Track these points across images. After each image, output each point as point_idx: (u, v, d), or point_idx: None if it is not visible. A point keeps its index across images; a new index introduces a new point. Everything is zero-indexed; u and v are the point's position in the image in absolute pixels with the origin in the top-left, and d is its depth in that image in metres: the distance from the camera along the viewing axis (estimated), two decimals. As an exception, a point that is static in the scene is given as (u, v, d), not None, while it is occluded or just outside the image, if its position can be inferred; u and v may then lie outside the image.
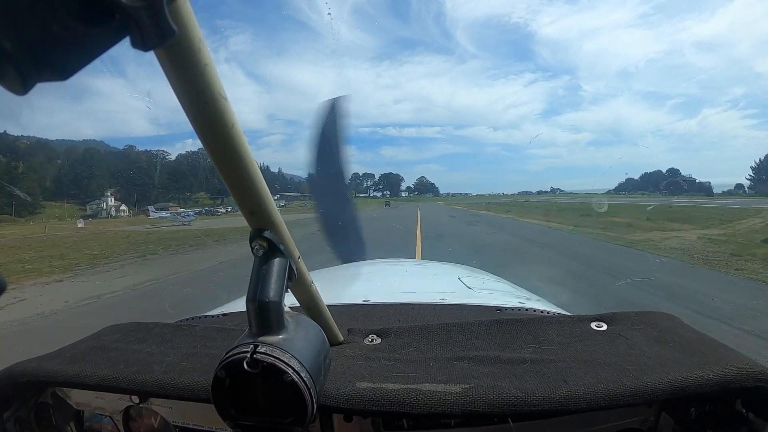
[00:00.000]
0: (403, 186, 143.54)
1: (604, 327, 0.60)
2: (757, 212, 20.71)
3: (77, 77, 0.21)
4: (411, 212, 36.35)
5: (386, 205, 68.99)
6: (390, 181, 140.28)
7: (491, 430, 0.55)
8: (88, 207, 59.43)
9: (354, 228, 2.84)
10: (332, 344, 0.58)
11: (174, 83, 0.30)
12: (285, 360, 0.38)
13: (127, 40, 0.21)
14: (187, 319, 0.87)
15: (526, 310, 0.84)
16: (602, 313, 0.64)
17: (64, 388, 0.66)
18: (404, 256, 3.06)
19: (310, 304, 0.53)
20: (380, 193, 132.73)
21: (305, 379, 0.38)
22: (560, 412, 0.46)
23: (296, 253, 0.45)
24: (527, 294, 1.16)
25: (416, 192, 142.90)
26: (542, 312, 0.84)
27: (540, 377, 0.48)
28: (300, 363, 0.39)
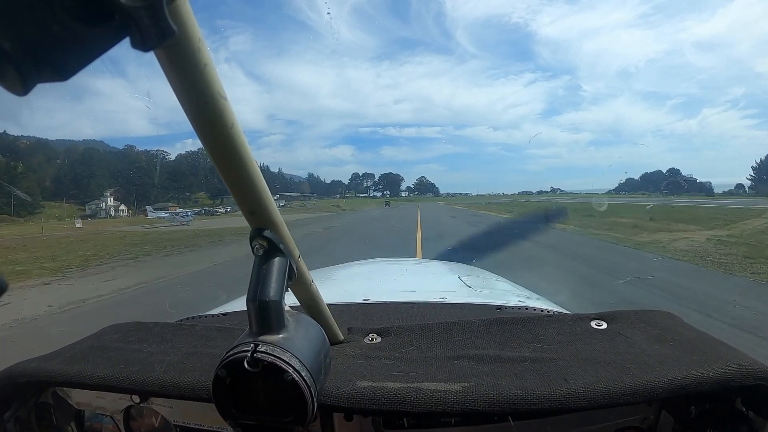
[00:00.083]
0: (403, 186, 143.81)
1: (604, 326, 0.60)
2: (761, 212, 20.48)
3: (77, 77, 0.21)
4: (411, 212, 36.17)
5: (386, 205, 69.05)
6: (390, 181, 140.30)
7: (492, 429, 0.55)
8: (88, 207, 59.46)
9: None
10: (332, 343, 0.58)
11: (174, 83, 0.30)
12: (285, 359, 0.38)
13: (127, 40, 0.21)
14: (188, 319, 0.87)
15: (526, 309, 0.85)
16: (602, 312, 0.64)
17: (65, 388, 0.66)
18: (405, 256, 3.04)
19: (311, 303, 0.53)
20: (380, 193, 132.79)
21: (306, 378, 0.38)
22: (560, 411, 0.46)
23: (296, 253, 0.46)
24: (527, 293, 1.16)
25: (416, 192, 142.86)
26: (542, 311, 0.84)
27: (540, 376, 0.48)
28: (300, 362, 0.39)
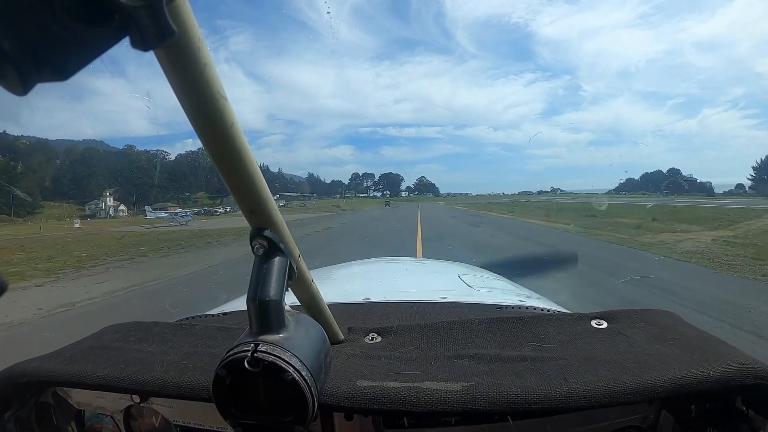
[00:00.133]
0: (403, 186, 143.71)
1: (605, 325, 0.60)
2: (764, 213, 20.34)
3: (77, 77, 0.21)
4: (411, 212, 36.07)
5: (386, 205, 69.13)
6: (390, 181, 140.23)
7: (492, 428, 0.55)
8: (87, 207, 59.32)
9: None
10: (333, 343, 0.58)
11: (174, 83, 0.30)
12: (286, 359, 0.38)
13: (127, 40, 0.21)
14: (188, 319, 0.87)
15: (527, 308, 0.85)
16: (602, 311, 0.64)
17: (65, 388, 0.66)
18: (405, 256, 3.03)
19: (311, 303, 0.53)
20: (380, 193, 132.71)
21: (306, 378, 0.39)
22: (561, 410, 0.46)
23: (296, 252, 0.46)
24: (527, 292, 1.16)
25: (416, 192, 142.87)
26: (542, 310, 0.84)
27: (540, 375, 0.48)
28: (301, 362, 0.39)
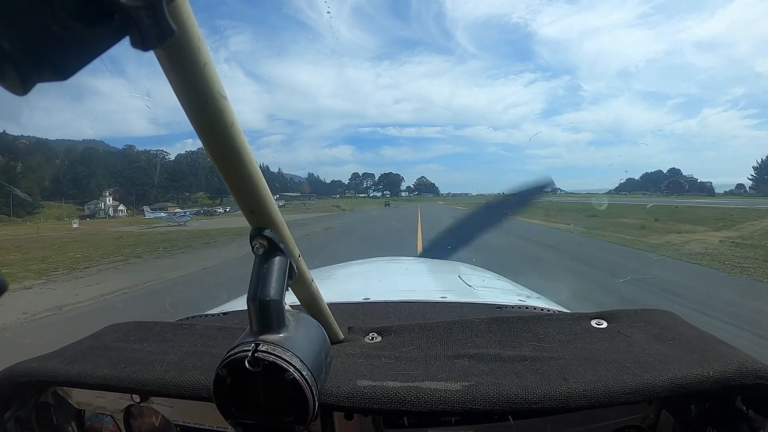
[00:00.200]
0: (403, 186, 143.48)
1: (605, 324, 0.60)
2: (767, 213, 20.21)
3: (77, 77, 0.21)
4: (411, 212, 35.91)
5: (386, 205, 69.06)
6: (390, 181, 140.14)
7: (492, 428, 0.55)
8: (87, 207, 59.18)
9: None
10: (333, 342, 0.58)
11: (174, 83, 0.30)
12: (286, 358, 0.38)
13: (127, 40, 0.21)
14: (188, 318, 0.87)
15: (527, 308, 0.85)
16: (602, 311, 0.64)
17: (65, 388, 0.66)
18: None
19: (311, 303, 0.53)
20: (380, 193, 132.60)
21: (306, 378, 0.39)
22: (561, 410, 0.46)
23: (296, 252, 0.46)
24: (527, 292, 1.17)
25: (416, 192, 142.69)
26: (542, 310, 0.84)
27: (540, 375, 0.48)
28: (301, 361, 0.39)
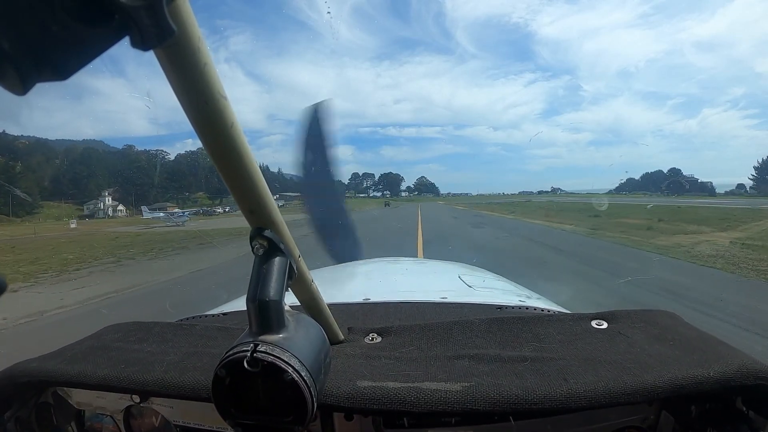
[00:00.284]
0: (403, 186, 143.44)
1: (605, 325, 0.60)
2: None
3: (77, 77, 0.21)
4: (411, 212, 35.86)
5: (386, 205, 69.03)
6: (390, 181, 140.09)
7: (492, 429, 0.55)
8: (86, 207, 59.01)
9: (348, 229, 2.83)
10: (333, 343, 0.58)
11: (174, 83, 0.30)
12: (285, 359, 0.38)
13: (127, 40, 0.21)
14: (188, 319, 0.87)
15: (527, 309, 0.85)
16: (602, 312, 0.64)
17: (65, 388, 0.66)
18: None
19: (311, 303, 0.53)
20: (380, 193, 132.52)
21: (305, 378, 0.39)
22: (561, 411, 0.46)
23: (296, 252, 0.45)
24: (528, 292, 1.17)
25: (416, 192, 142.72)
26: (543, 310, 0.84)
27: (540, 375, 0.48)
28: (300, 362, 0.39)
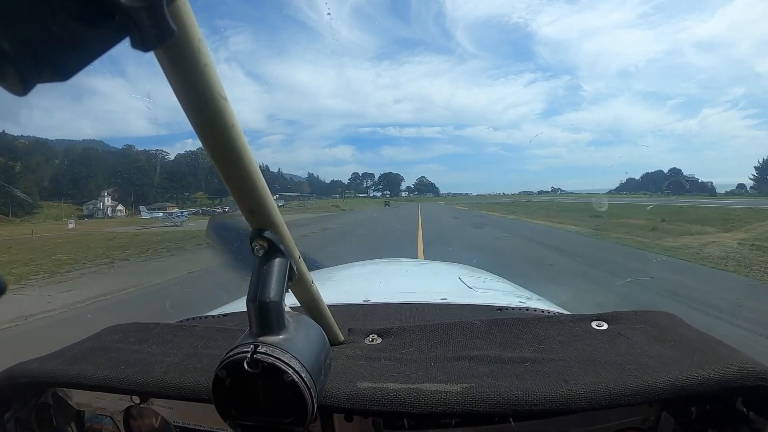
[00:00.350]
0: (403, 186, 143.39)
1: (605, 326, 0.60)
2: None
3: (77, 77, 0.21)
4: (411, 213, 35.76)
5: (386, 205, 69.14)
6: (390, 181, 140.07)
7: (492, 430, 0.55)
8: (85, 207, 58.93)
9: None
10: (333, 344, 0.58)
11: (174, 83, 0.30)
12: (285, 360, 0.38)
13: (127, 41, 0.21)
14: (188, 320, 0.87)
15: (527, 310, 0.85)
16: (603, 313, 0.64)
17: (65, 389, 0.66)
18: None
19: (311, 304, 0.53)
20: (380, 193, 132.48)
21: (305, 379, 0.38)
22: (561, 412, 0.46)
23: (297, 253, 0.45)
24: (528, 293, 1.17)
25: (416, 192, 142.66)
26: (543, 311, 0.84)
27: (541, 376, 0.48)
28: (300, 363, 0.39)
